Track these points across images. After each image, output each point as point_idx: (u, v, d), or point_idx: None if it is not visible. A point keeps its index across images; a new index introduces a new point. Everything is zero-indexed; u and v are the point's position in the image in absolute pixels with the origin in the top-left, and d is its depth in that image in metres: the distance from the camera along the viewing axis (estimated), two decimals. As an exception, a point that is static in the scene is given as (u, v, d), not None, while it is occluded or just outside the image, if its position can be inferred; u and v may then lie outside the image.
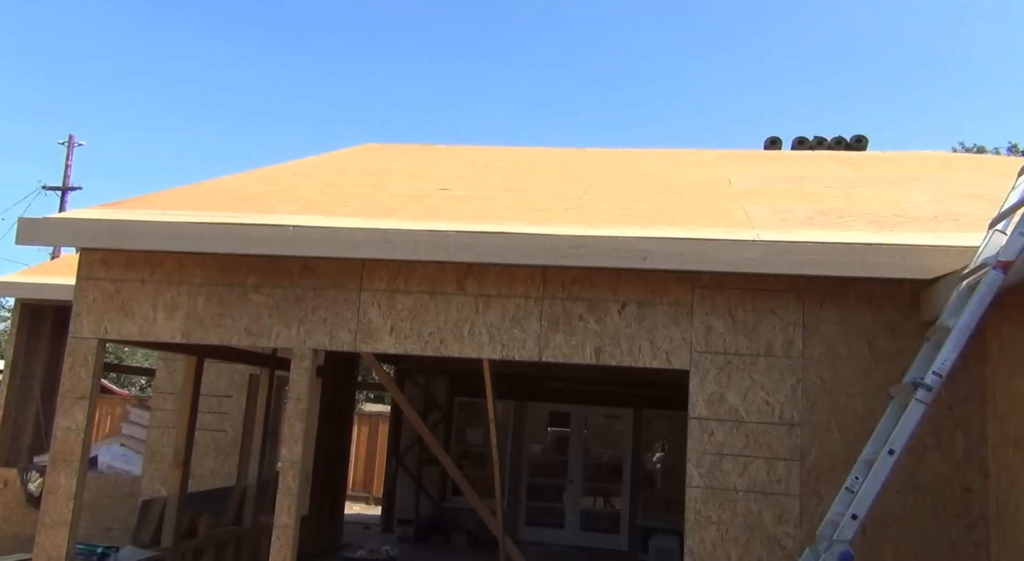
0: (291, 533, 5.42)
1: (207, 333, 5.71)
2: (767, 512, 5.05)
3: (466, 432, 13.73)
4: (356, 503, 16.66)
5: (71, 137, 28.47)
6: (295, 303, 5.66)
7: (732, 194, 6.74)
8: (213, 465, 9.83)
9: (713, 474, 5.15)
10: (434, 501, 13.28)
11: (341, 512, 11.78)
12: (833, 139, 11.31)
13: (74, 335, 5.76)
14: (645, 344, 5.32)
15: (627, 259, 5.05)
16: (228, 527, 8.91)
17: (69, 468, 5.62)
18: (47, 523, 5.56)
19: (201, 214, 5.71)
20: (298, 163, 9.04)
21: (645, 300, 5.34)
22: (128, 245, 5.59)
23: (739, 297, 5.26)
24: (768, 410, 5.14)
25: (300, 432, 5.55)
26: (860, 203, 6.24)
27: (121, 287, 5.80)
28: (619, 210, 6.07)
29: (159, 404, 10.11)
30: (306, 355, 5.62)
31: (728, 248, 4.97)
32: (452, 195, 6.76)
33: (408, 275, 5.58)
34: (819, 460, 5.06)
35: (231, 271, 5.72)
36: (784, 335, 5.19)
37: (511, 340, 5.44)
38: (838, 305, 5.16)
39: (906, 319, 5.06)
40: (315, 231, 5.37)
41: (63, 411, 5.69)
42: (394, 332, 5.56)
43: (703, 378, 5.24)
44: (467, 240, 5.22)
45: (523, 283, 5.47)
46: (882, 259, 4.75)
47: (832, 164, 8.95)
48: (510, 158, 9.61)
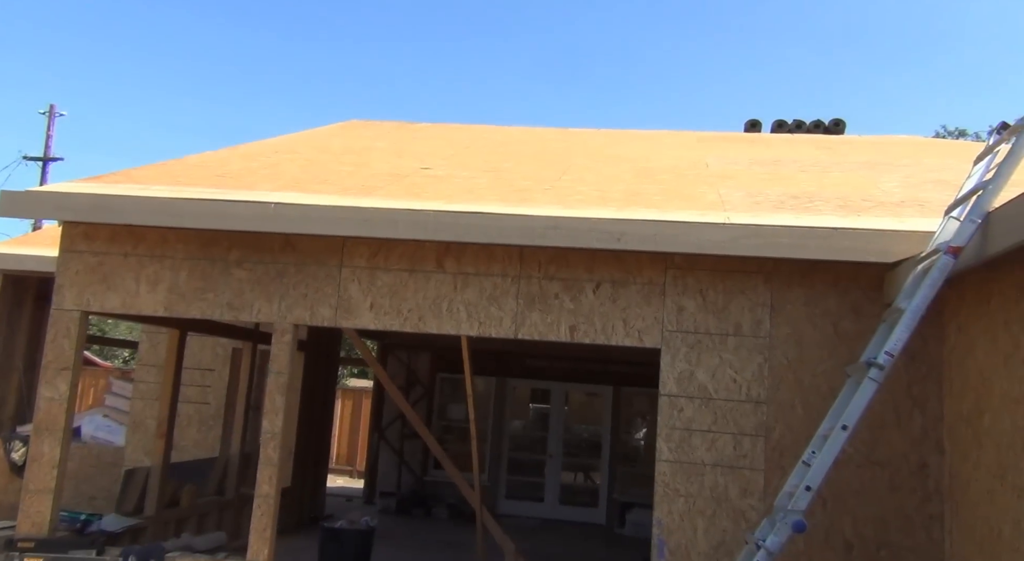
0: (272, 502, 5.56)
1: (189, 307, 5.80)
2: (733, 485, 5.24)
3: (448, 408, 13.92)
4: (340, 476, 16.86)
5: (52, 107, 28.17)
6: (276, 278, 5.76)
7: (708, 177, 6.87)
8: (196, 436, 9.96)
9: (682, 449, 5.33)
10: (416, 475, 13.48)
11: (324, 484, 11.95)
12: (812, 123, 11.44)
13: (57, 307, 5.84)
14: (618, 323, 5.46)
15: (602, 240, 5.18)
16: (211, 497, 9.04)
17: (52, 437, 5.73)
18: (31, 490, 5.68)
19: (184, 190, 5.78)
20: (280, 139, 9.08)
21: (619, 280, 5.49)
22: (111, 219, 5.66)
23: (710, 278, 5.41)
24: (736, 388, 5.32)
25: (281, 405, 5.68)
26: (831, 187, 6.39)
27: (104, 260, 5.87)
28: (596, 192, 6.19)
29: (142, 376, 10.20)
30: (287, 330, 5.73)
31: (699, 230, 5.11)
32: (433, 174, 6.85)
33: (388, 253, 5.69)
34: (783, 436, 5.25)
35: (213, 246, 5.81)
36: (752, 315, 5.35)
37: (488, 318, 5.58)
38: (805, 287, 5.32)
39: (870, 301, 5.23)
40: (296, 209, 5.46)
41: (46, 381, 5.78)
42: (374, 308, 5.68)
43: (674, 356, 5.40)
44: (446, 219, 5.33)
45: (501, 262, 5.59)
46: (847, 243, 4.91)
47: (810, 148, 9.09)
48: (492, 138, 9.69)
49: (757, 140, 10.08)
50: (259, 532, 5.53)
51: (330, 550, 7.75)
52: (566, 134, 10.32)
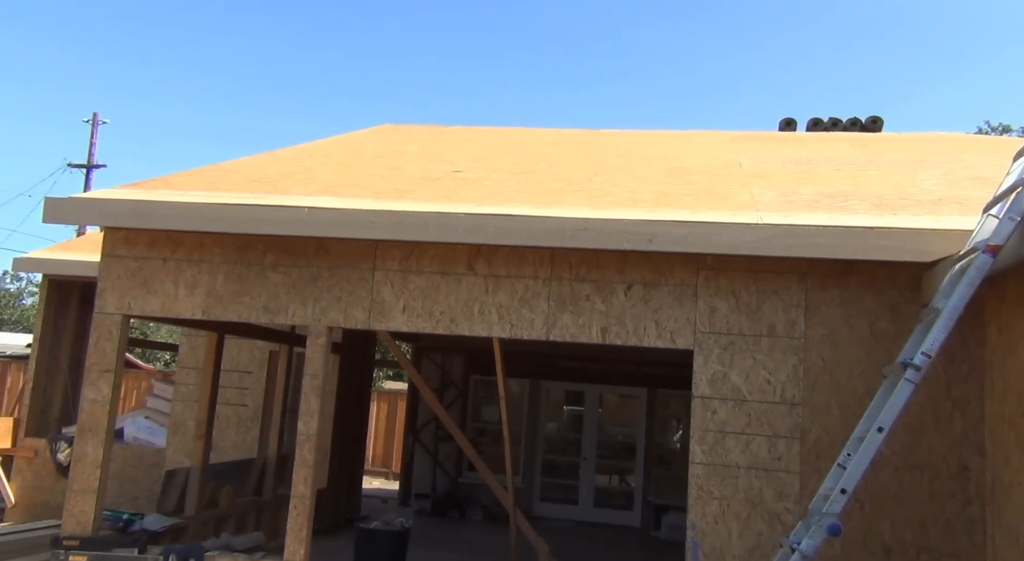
0: (308, 503, 5.64)
1: (227, 310, 5.91)
2: (768, 488, 5.19)
3: (482, 410, 13.95)
4: (375, 478, 17.00)
5: (95, 115, 28.87)
6: (311, 282, 5.84)
7: (740, 177, 6.82)
8: (235, 438, 10.12)
9: (715, 451, 5.29)
10: (450, 476, 13.54)
11: (359, 486, 12.06)
12: (848, 120, 11.26)
13: (99, 311, 5.99)
14: (650, 324, 5.44)
15: (633, 241, 5.17)
16: (249, 498, 9.19)
17: (96, 438, 5.87)
18: (75, 490, 5.83)
19: (220, 195, 5.88)
20: (314, 144, 9.20)
21: (651, 281, 5.47)
22: (150, 225, 5.78)
23: (743, 279, 5.36)
24: (770, 389, 5.27)
25: (316, 406, 5.75)
26: (866, 186, 6.30)
27: (144, 265, 6.01)
28: (627, 193, 6.17)
29: (182, 378, 10.40)
30: (321, 332, 5.81)
31: (732, 231, 5.07)
32: (464, 177, 6.89)
33: (420, 255, 5.73)
34: (819, 438, 5.19)
35: (249, 250, 5.91)
36: (787, 316, 5.29)
37: (520, 319, 5.59)
38: (840, 287, 5.25)
39: (907, 301, 5.15)
40: (329, 213, 5.53)
41: (89, 383, 5.93)
42: (406, 311, 5.72)
43: (707, 358, 5.36)
44: (477, 222, 5.36)
45: (532, 264, 5.60)
46: (883, 242, 4.83)
47: (844, 146, 8.96)
48: (523, 140, 9.71)
49: (791, 139, 9.96)
50: (295, 532, 5.60)
51: (365, 551, 7.82)
52: (596, 135, 10.30)
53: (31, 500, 9.97)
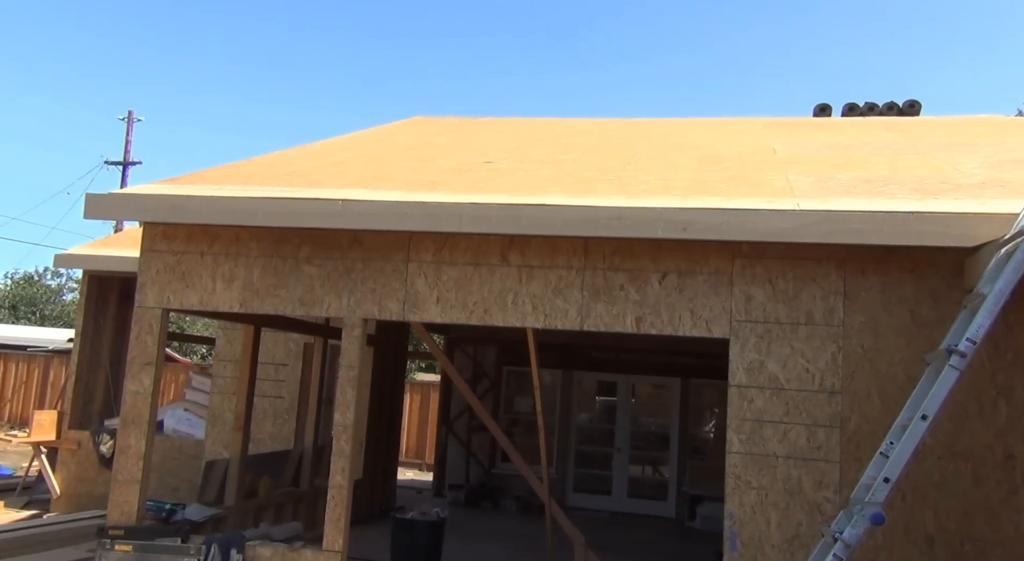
0: (345, 493, 5.69)
1: (263, 303, 5.97)
2: (807, 478, 5.13)
3: (515, 400, 13.98)
4: (409, 469, 17.12)
5: (130, 113, 29.41)
6: (345, 274, 5.88)
7: (775, 163, 6.72)
8: (272, 429, 10.25)
9: (753, 440, 5.25)
10: (484, 467, 13.59)
11: (394, 477, 12.16)
12: (885, 105, 11.06)
13: (139, 305, 6.09)
14: (685, 313, 5.40)
15: (667, 230, 5.13)
16: (287, 488, 9.31)
17: (138, 429, 5.98)
18: (119, 480, 5.95)
19: (255, 189, 5.94)
20: (346, 138, 9.25)
21: (685, 270, 5.42)
22: (187, 219, 5.86)
23: (779, 266, 5.30)
24: (808, 378, 5.20)
25: (352, 398, 5.80)
26: (906, 170, 6.18)
27: (182, 259, 6.09)
28: (660, 181, 6.12)
29: (220, 371, 10.55)
30: (356, 324, 5.85)
31: (767, 218, 5.01)
32: (496, 168, 6.88)
33: (453, 247, 5.74)
34: (860, 427, 5.12)
35: (284, 243, 5.96)
36: (825, 303, 5.22)
37: (553, 310, 5.58)
38: (880, 273, 5.16)
39: (949, 287, 5.05)
40: (363, 205, 5.56)
41: (131, 376, 6.04)
42: (440, 302, 5.74)
43: (743, 346, 5.31)
44: (510, 212, 5.35)
45: (565, 254, 5.59)
46: (924, 227, 4.74)
47: (881, 131, 8.79)
48: (554, 130, 9.67)
49: (826, 124, 9.80)
50: (334, 522, 5.66)
51: (402, 540, 7.89)
52: (628, 124, 10.22)
53: (75, 491, 10.21)
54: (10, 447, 14.13)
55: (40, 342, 21.26)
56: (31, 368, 20.32)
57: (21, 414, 19.75)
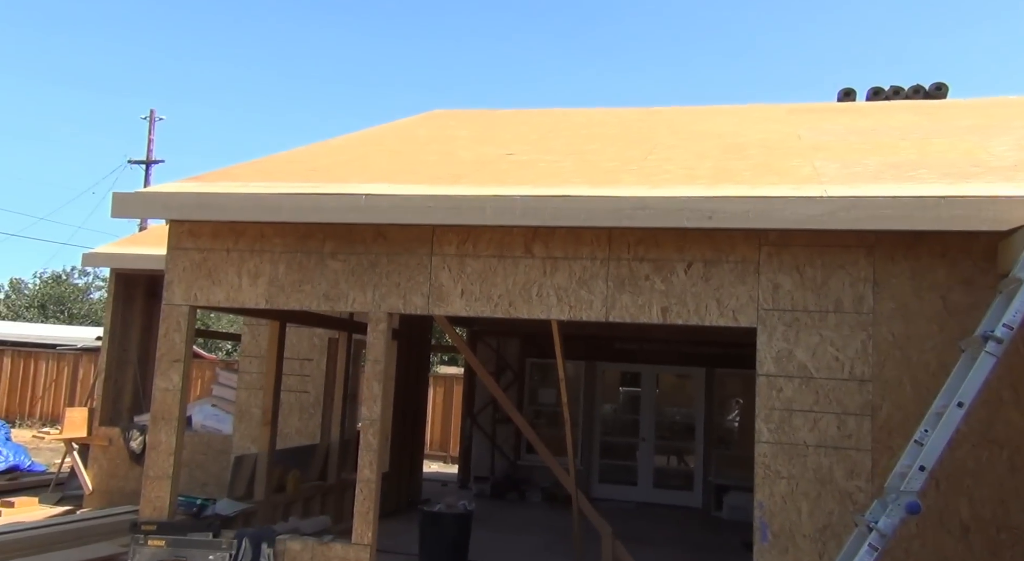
0: (373, 486, 5.72)
1: (288, 299, 6.00)
2: (838, 467, 5.09)
3: (538, 392, 13.98)
4: (434, 462, 17.19)
5: (152, 112, 29.60)
6: (369, 269, 5.89)
7: (801, 149, 6.64)
8: (298, 424, 10.32)
9: (782, 429, 5.20)
10: (509, 459, 13.61)
11: (420, 470, 12.21)
12: (911, 88, 10.87)
13: (167, 302, 6.14)
14: (712, 303, 5.36)
15: (692, 219, 5.08)
16: (314, 482, 9.38)
17: (168, 425, 6.04)
18: (151, 476, 6.01)
19: (279, 185, 5.96)
20: (367, 132, 9.26)
21: (711, 259, 5.37)
22: (213, 216, 5.90)
23: (807, 254, 5.24)
24: (838, 366, 5.15)
25: (379, 392, 5.82)
26: (935, 154, 6.08)
27: (208, 256, 6.13)
28: (684, 170, 6.07)
29: (246, 367, 10.63)
30: (381, 318, 5.86)
31: (795, 205, 4.95)
32: (518, 160, 6.85)
33: (477, 239, 5.73)
34: (891, 415, 5.06)
35: (309, 239, 5.98)
36: (854, 291, 5.16)
37: (578, 301, 5.56)
38: (910, 259, 5.09)
39: (982, 272, 4.97)
40: (386, 199, 5.56)
41: (160, 373, 6.09)
42: (464, 295, 5.74)
43: (771, 335, 5.26)
44: (533, 204, 5.32)
45: (589, 245, 5.56)
46: (956, 211, 4.66)
47: (908, 114, 8.66)
48: (574, 120, 9.62)
49: (851, 109, 9.67)
50: (362, 515, 5.69)
51: (430, 533, 7.92)
52: (649, 113, 10.15)
53: (107, 487, 10.35)
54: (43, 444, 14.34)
55: (69, 340, 21.56)
56: (60, 366, 20.62)
57: (52, 411, 20.06)
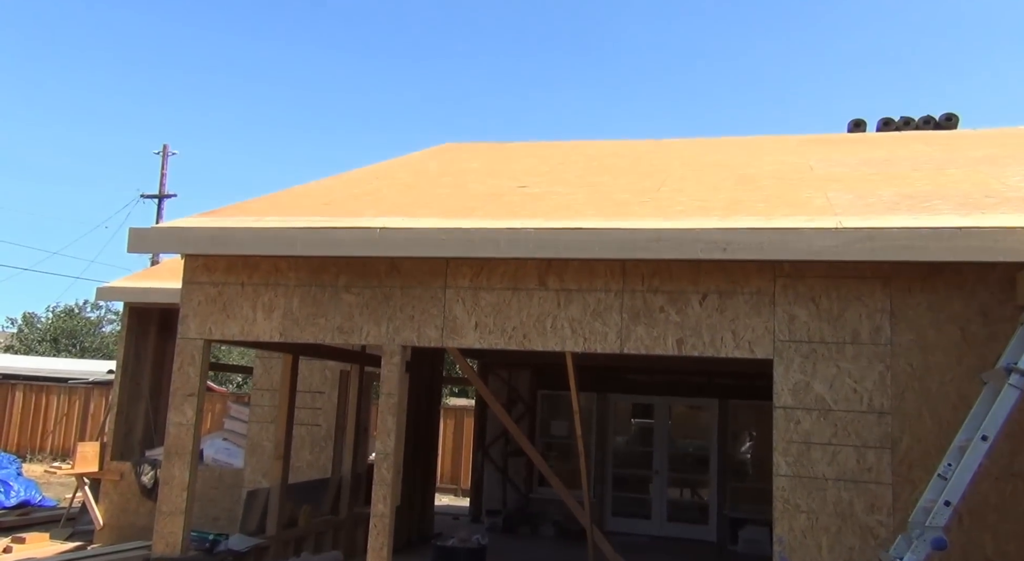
0: (387, 522, 5.67)
1: (303, 332, 6.01)
2: (858, 500, 5.01)
3: (550, 424, 13.88)
4: (445, 495, 17.03)
5: (165, 147, 29.95)
6: (383, 302, 5.90)
7: (813, 180, 6.65)
8: (309, 457, 10.26)
9: (801, 463, 5.14)
10: (521, 492, 13.48)
11: (431, 503, 12.10)
12: (921, 119, 10.91)
13: (182, 336, 6.15)
14: (727, 334, 5.33)
15: (707, 250, 5.08)
16: (326, 517, 9.30)
17: (182, 460, 6.02)
18: (164, 511, 5.98)
19: (293, 219, 6.00)
20: (379, 166, 9.34)
21: (726, 290, 5.36)
22: (228, 250, 5.93)
23: (822, 285, 5.22)
24: (856, 398, 5.10)
25: (392, 425, 5.79)
26: (949, 185, 6.08)
27: (223, 290, 6.16)
28: (696, 202, 6.08)
29: (257, 400, 10.61)
30: (395, 351, 5.85)
31: (810, 236, 4.94)
32: (530, 192, 6.89)
33: (491, 272, 5.74)
34: (911, 448, 4.99)
35: (323, 272, 6.01)
36: (871, 322, 5.12)
37: (592, 333, 5.54)
38: (927, 291, 5.06)
39: (1000, 303, 4.93)
40: (400, 232, 5.59)
41: (174, 407, 6.09)
42: (478, 328, 5.73)
43: (787, 367, 5.22)
44: (546, 236, 5.34)
45: (603, 277, 5.55)
46: (972, 242, 4.64)
47: (920, 145, 8.67)
48: (586, 152, 9.68)
49: (863, 140, 9.69)
50: (376, 550, 5.64)
51: (443, 568, 7.83)
52: (660, 145, 10.20)
53: (118, 522, 10.28)
54: (54, 479, 14.31)
55: (81, 374, 21.60)
56: (72, 400, 20.63)
57: (63, 446, 20.02)
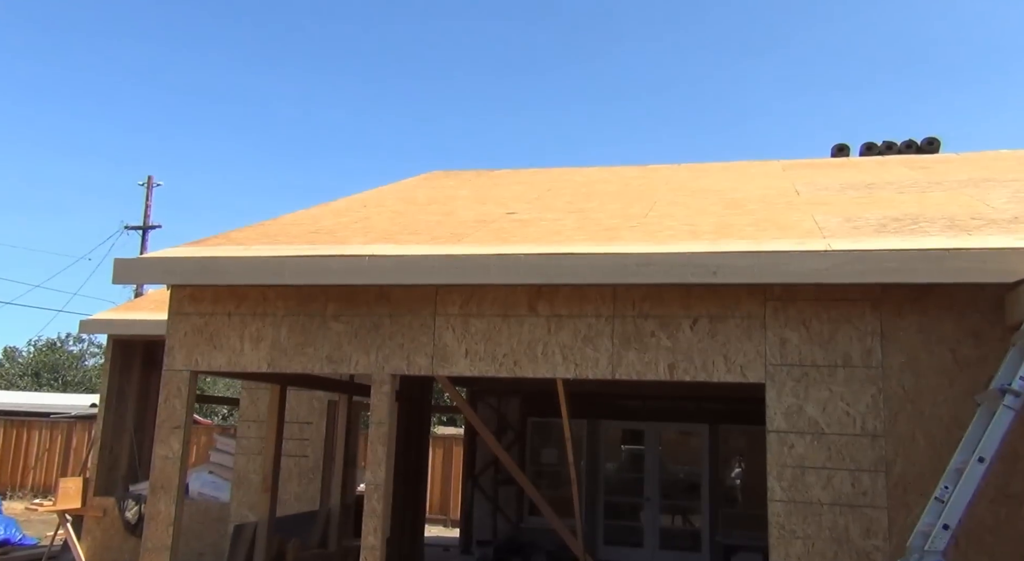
0: (378, 554, 5.56)
1: (291, 362, 5.94)
2: (854, 525, 4.97)
3: (540, 452, 13.76)
4: (434, 525, 16.82)
5: (150, 178, 29.85)
6: (373, 330, 5.85)
7: (800, 204, 6.69)
8: (297, 489, 10.12)
9: (796, 487, 5.10)
10: (512, 522, 13.32)
11: (421, 534, 11.93)
12: (903, 143, 11.05)
13: (168, 368, 6.07)
14: (719, 359, 5.31)
15: (697, 274, 5.08)
16: (315, 550, 9.14)
17: (168, 495, 5.90)
18: (149, 548, 5.84)
19: (281, 248, 5.96)
20: (367, 194, 9.32)
21: (717, 315, 5.35)
22: (215, 280, 5.87)
23: (813, 308, 5.22)
24: (849, 421, 5.08)
25: (383, 455, 5.71)
26: (934, 207, 6.13)
27: (209, 321, 6.08)
28: (686, 226, 6.10)
29: (244, 432, 10.47)
30: (385, 380, 5.79)
31: (799, 259, 4.95)
32: (519, 218, 6.89)
33: (481, 299, 5.71)
34: (906, 471, 4.97)
35: (311, 301, 5.95)
36: (862, 345, 5.12)
37: (584, 359, 5.51)
38: (917, 312, 5.07)
39: (990, 324, 4.94)
40: (390, 260, 5.55)
41: (160, 441, 5.98)
42: (469, 355, 5.68)
43: (780, 391, 5.20)
44: (537, 262, 5.32)
45: (594, 302, 5.53)
46: (961, 264, 4.67)
47: (903, 169, 8.77)
48: (573, 179, 9.72)
49: (846, 164, 9.79)
50: (367, 585, 5.52)
51: (434, 602, 7.69)
52: (647, 171, 10.26)
53: (101, 559, 10.06)
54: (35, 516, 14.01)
55: (63, 408, 21.29)
56: (54, 435, 20.30)
57: (45, 482, 19.66)
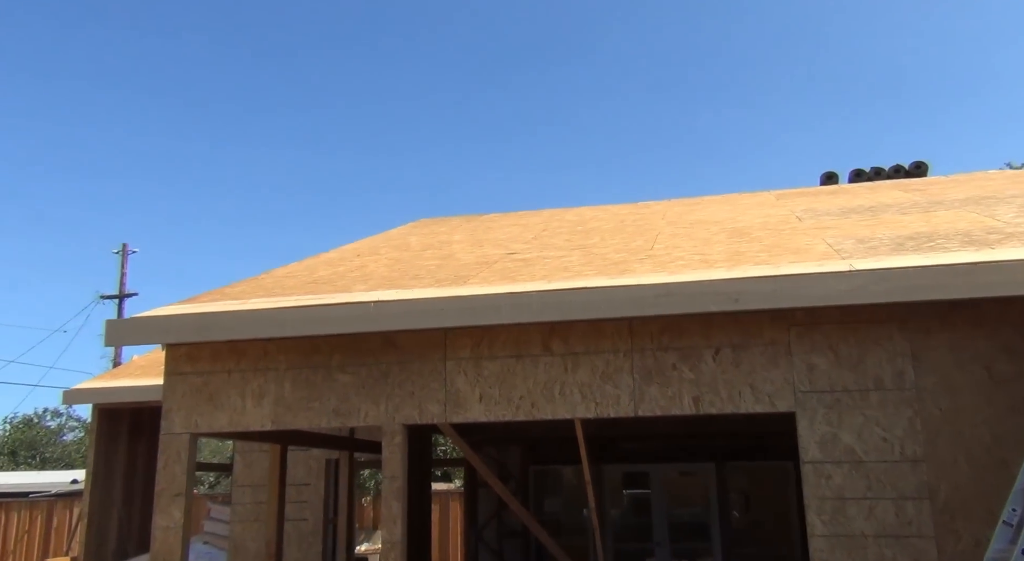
0: (398, 619, 5.22)
1: (296, 417, 5.66)
2: (902, 557, 4.74)
3: (543, 501, 13.38)
4: (435, 585, 16.21)
5: (124, 246, 29.44)
6: (381, 379, 5.60)
7: (806, 229, 6.60)
8: (297, 555, 9.67)
9: (837, 521, 4.87)
10: (518, 576, 12.86)
11: (427, 595, 11.44)
12: (891, 168, 11.11)
13: (166, 432, 5.75)
14: (745, 389, 5.12)
15: (718, 302, 4.92)
16: (319, 619, 8.69)
17: (170, 568, 5.53)
18: (152, 627, 5.45)
19: (280, 299, 5.73)
20: (359, 243, 9.13)
21: (739, 343, 5.17)
22: (214, 337, 5.61)
23: (838, 332, 5.06)
24: (887, 447, 4.88)
25: (398, 512, 5.42)
26: (945, 225, 6.05)
27: (208, 380, 5.80)
28: (696, 255, 5.96)
29: (239, 498, 10.03)
30: (396, 431, 5.53)
31: (823, 281, 4.81)
32: (521, 257, 6.72)
33: (492, 340, 5.50)
34: (950, 496, 4.76)
35: (315, 353, 5.70)
36: (893, 367, 4.96)
37: (604, 397, 5.29)
38: (947, 330, 4.93)
39: (1023, 338, 4.81)
40: (396, 305, 5.34)
41: (160, 510, 5.63)
42: (483, 400, 5.45)
43: (811, 419, 5.01)
44: (551, 299, 5.14)
45: (610, 337, 5.34)
46: (991, 277, 4.55)
47: (898, 192, 8.75)
48: (566, 218, 9.60)
49: (839, 191, 9.78)
50: (388, 653, 5.17)
51: None
52: (640, 207, 10.18)
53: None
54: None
55: (42, 487, 20.51)
56: (34, 515, 19.47)
57: (24, 566, 18.80)
